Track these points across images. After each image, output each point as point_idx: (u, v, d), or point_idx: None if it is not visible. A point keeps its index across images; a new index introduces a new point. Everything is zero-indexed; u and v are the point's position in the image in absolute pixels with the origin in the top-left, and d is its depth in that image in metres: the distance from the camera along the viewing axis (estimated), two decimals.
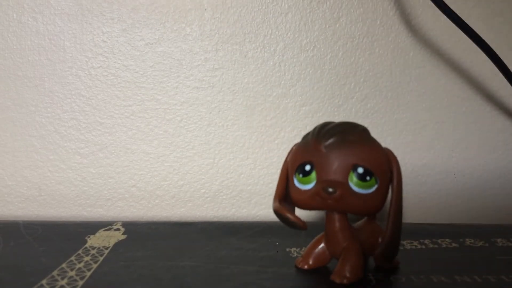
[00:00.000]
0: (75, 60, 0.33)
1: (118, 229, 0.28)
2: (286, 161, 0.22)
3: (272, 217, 0.22)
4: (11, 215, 0.34)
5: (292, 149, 0.22)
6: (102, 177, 0.34)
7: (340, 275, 0.20)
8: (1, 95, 0.33)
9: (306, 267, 0.22)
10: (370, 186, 0.19)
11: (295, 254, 0.24)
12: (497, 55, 0.31)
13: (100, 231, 0.28)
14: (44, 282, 0.20)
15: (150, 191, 0.35)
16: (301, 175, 0.20)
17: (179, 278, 0.21)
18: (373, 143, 0.20)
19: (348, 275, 0.20)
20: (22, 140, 0.33)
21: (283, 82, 0.35)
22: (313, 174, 0.19)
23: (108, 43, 0.33)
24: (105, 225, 0.29)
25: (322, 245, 0.22)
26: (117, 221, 0.30)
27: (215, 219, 0.35)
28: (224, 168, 0.35)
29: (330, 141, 0.19)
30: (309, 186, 0.20)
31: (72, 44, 0.33)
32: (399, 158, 0.20)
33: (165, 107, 0.34)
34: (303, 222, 0.20)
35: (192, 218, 0.35)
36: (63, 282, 0.20)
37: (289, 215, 0.20)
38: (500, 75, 0.32)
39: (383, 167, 0.19)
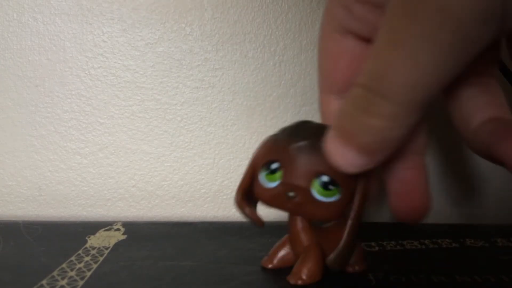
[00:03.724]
0: (75, 60, 0.33)
1: (118, 229, 0.28)
2: (257, 152, 0.21)
3: (272, 217, 0.22)
4: (11, 215, 0.34)
5: (265, 140, 0.21)
6: (102, 177, 0.34)
7: (295, 277, 0.20)
8: (1, 95, 0.33)
9: (270, 266, 0.22)
10: (332, 195, 0.18)
11: None
12: None
13: (100, 231, 0.28)
14: (44, 282, 0.20)
15: (150, 191, 0.35)
16: (266, 172, 0.19)
17: (179, 278, 0.21)
18: None
19: (304, 277, 0.20)
20: (22, 140, 0.33)
21: (283, 82, 0.35)
22: (279, 174, 0.19)
23: (108, 43, 0.33)
24: (105, 225, 0.29)
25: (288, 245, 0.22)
26: (117, 221, 0.30)
27: (215, 219, 0.35)
28: (224, 168, 0.35)
29: (301, 144, 0.19)
30: (272, 185, 0.19)
31: (72, 44, 0.33)
32: None
33: (165, 107, 0.34)
34: (260, 220, 0.21)
35: (192, 218, 0.35)
36: (63, 282, 0.20)
37: (247, 211, 0.20)
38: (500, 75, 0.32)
39: (350, 179, 0.18)
